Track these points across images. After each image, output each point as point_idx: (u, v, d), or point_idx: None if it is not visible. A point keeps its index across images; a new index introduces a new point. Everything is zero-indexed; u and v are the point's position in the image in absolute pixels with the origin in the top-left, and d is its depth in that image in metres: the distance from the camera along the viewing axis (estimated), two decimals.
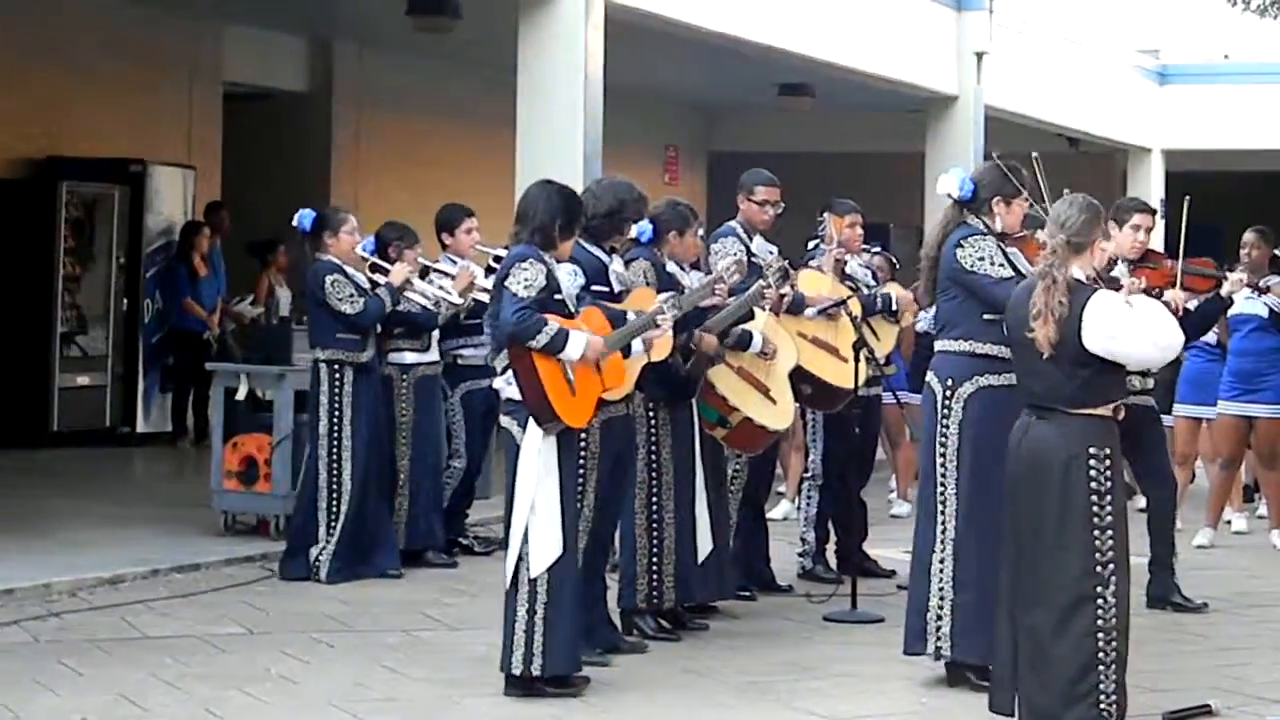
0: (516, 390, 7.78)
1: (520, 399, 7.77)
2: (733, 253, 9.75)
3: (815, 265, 10.67)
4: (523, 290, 7.72)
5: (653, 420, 9.06)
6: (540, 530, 7.74)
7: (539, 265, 7.81)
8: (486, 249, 11.39)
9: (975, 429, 7.99)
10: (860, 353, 9.92)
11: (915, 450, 13.27)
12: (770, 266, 9.68)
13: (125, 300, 16.43)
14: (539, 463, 7.74)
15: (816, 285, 10.43)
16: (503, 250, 9.22)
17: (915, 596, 8.23)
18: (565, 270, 8.13)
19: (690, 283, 9.21)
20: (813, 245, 10.97)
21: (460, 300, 11.04)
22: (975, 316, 8.05)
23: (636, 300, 8.55)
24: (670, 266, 9.22)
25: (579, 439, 8.19)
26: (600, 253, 8.67)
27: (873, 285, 11.18)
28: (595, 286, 8.48)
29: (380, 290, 10.70)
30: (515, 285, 7.73)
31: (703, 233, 9.68)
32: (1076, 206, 7.13)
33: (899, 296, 10.96)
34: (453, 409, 11.47)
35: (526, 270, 7.77)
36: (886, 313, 10.90)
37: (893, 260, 12.76)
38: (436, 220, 11.55)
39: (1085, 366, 6.94)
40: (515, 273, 7.77)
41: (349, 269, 10.68)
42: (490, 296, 8.22)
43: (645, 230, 9.05)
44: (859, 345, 9.92)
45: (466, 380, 11.44)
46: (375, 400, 10.71)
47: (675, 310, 8.43)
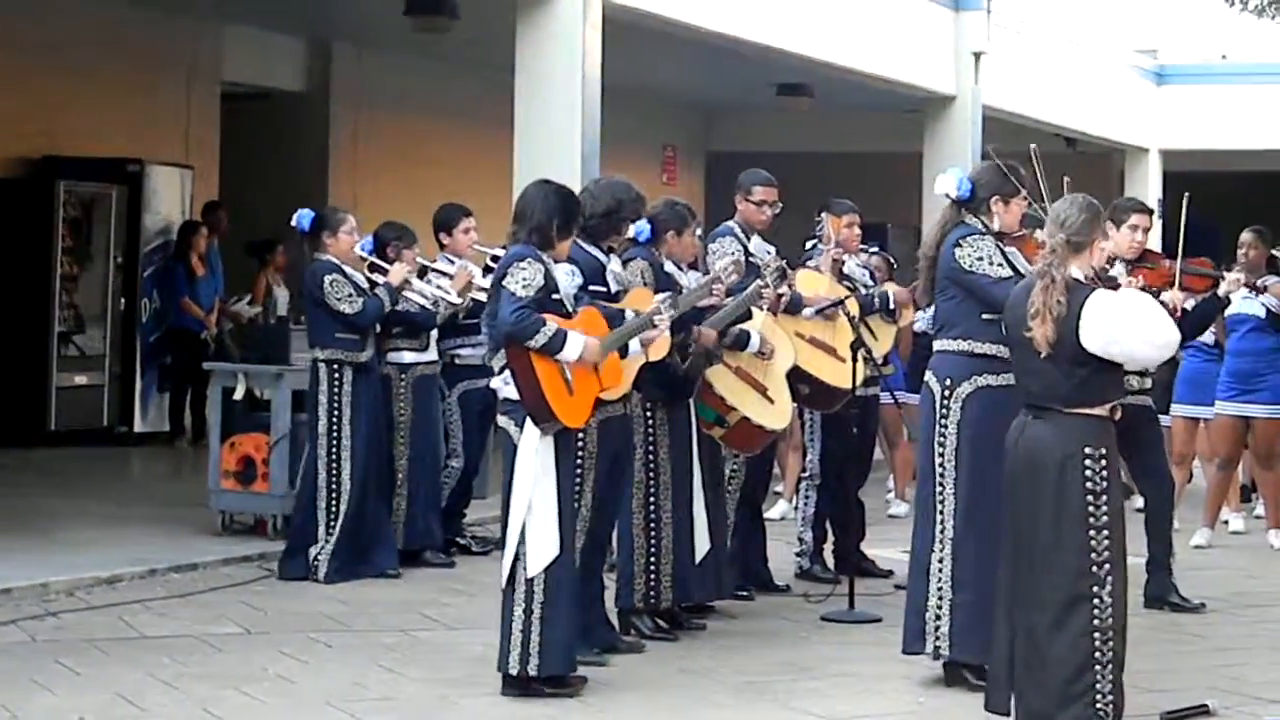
0: (514, 390, 7.78)
1: (518, 399, 7.76)
2: (730, 252, 9.74)
3: (813, 265, 10.67)
4: (521, 290, 7.71)
5: (650, 420, 9.06)
6: (537, 530, 7.73)
7: (537, 265, 7.80)
8: (484, 249, 11.39)
9: (974, 429, 7.99)
10: (858, 353, 9.92)
11: (913, 450, 13.25)
12: (768, 266, 9.67)
13: (123, 300, 16.42)
14: (536, 462, 7.74)
15: (814, 285, 10.43)
16: (500, 250, 9.21)
17: (914, 596, 8.23)
18: (563, 270, 8.13)
19: (688, 283, 9.21)
20: (810, 245, 10.97)
21: (459, 300, 11.04)
22: (974, 316, 8.05)
23: (634, 300, 8.54)
24: (668, 266, 9.21)
25: (576, 439, 8.18)
26: (598, 252, 8.67)
27: (870, 285, 11.18)
28: (593, 286, 8.47)
29: (379, 290, 10.70)
30: (513, 285, 7.73)
31: (700, 233, 9.68)
32: (1076, 206, 7.13)
33: (896, 293, 10.96)
34: (450, 409, 11.46)
35: (525, 270, 7.76)
36: (884, 312, 10.90)
37: (890, 260, 12.76)
38: (434, 220, 11.55)
39: (1083, 366, 6.94)
40: (513, 272, 7.76)
41: (348, 269, 10.68)
42: (488, 296, 8.22)
43: (643, 230, 9.05)
44: (856, 345, 9.92)
45: (464, 380, 11.43)
46: (374, 400, 10.71)
47: (672, 311, 8.42)
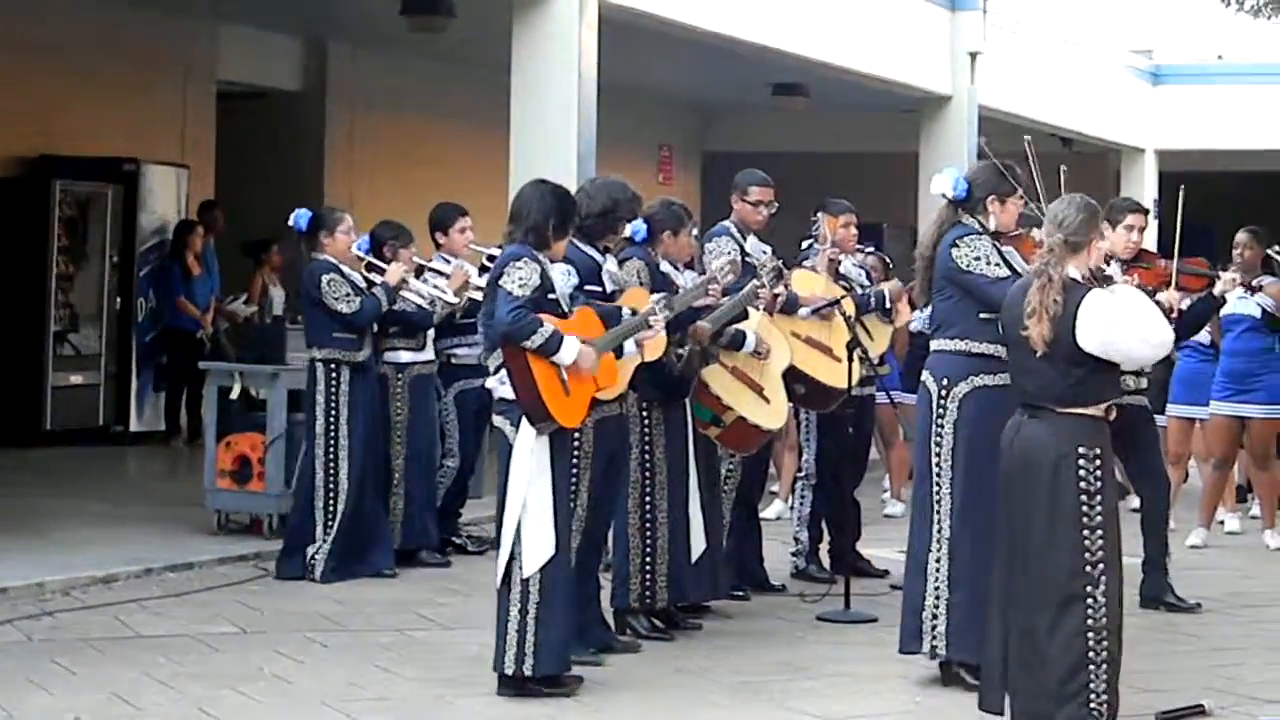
0: (510, 390, 7.77)
1: (514, 398, 7.76)
2: (727, 252, 9.75)
3: (809, 265, 10.67)
4: (518, 289, 7.71)
5: (646, 420, 9.06)
6: (533, 530, 7.73)
7: (533, 265, 7.80)
8: (480, 248, 11.38)
9: (970, 429, 7.99)
10: (854, 352, 9.92)
11: (909, 450, 13.26)
12: (764, 266, 9.67)
13: (119, 299, 16.42)
14: (532, 462, 7.73)
15: (810, 285, 10.43)
16: (496, 249, 9.22)
17: (911, 595, 8.23)
18: (559, 270, 8.13)
19: (684, 283, 9.20)
20: (807, 245, 10.97)
21: (455, 299, 11.04)
22: (971, 316, 8.04)
23: (630, 300, 8.53)
24: (664, 266, 9.21)
25: (572, 438, 8.18)
26: (594, 252, 8.66)
27: (867, 285, 11.18)
28: (588, 286, 8.47)
29: (376, 289, 10.70)
30: (510, 284, 7.73)
31: (697, 233, 9.68)
32: (1074, 206, 7.14)
33: (891, 289, 10.97)
34: (446, 408, 11.45)
35: (521, 269, 7.76)
36: (881, 311, 10.90)
37: (886, 260, 12.74)
38: (430, 219, 11.54)
39: (1079, 365, 6.94)
40: (510, 272, 7.76)
41: (345, 268, 10.67)
42: (483, 295, 8.21)
43: (639, 230, 9.05)
44: (853, 345, 9.92)
45: (460, 380, 11.42)
46: (372, 399, 10.70)
47: (667, 312, 8.42)
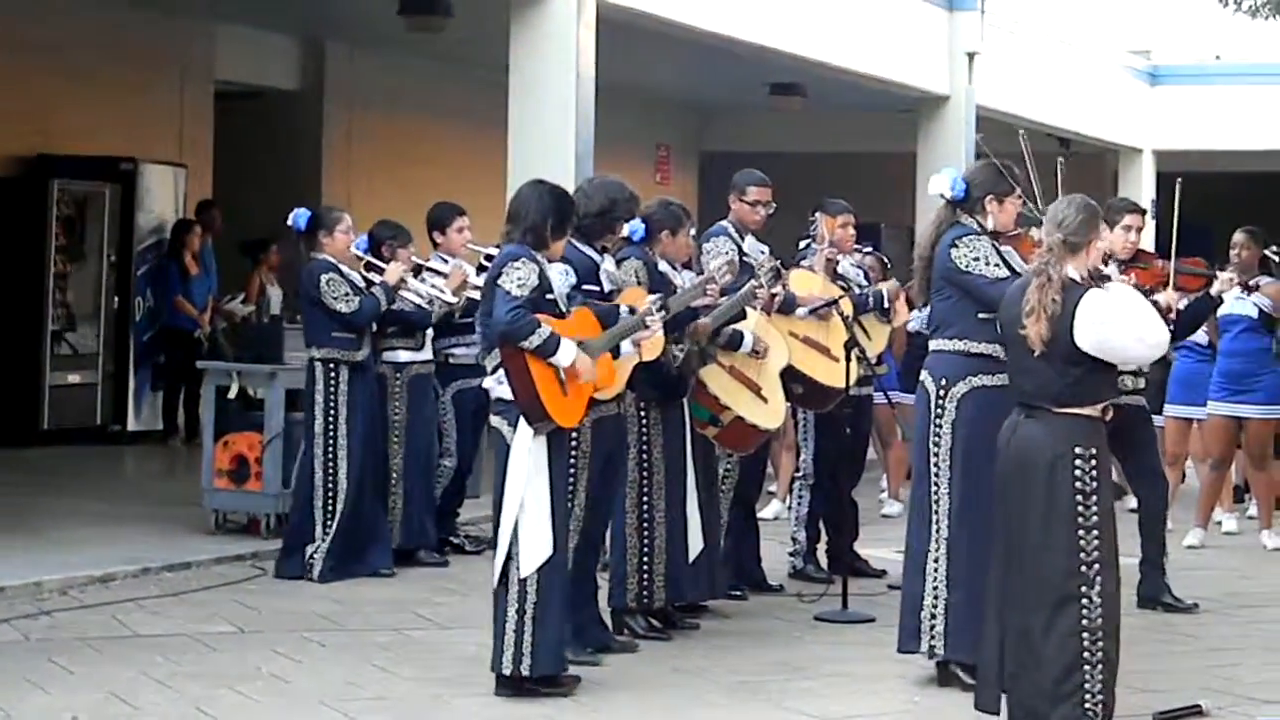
0: (507, 390, 7.77)
1: (512, 398, 7.75)
2: (725, 252, 9.75)
3: (807, 265, 10.67)
4: (516, 289, 7.71)
5: (644, 419, 9.06)
6: (530, 530, 7.73)
7: (532, 265, 7.80)
8: (478, 247, 11.38)
9: (969, 429, 7.99)
10: (851, 352, 9.93)
11: (906, 450, 13.27)
12: (762, 266, 9.68)
13: (116, 298, 16.42)
14: (529, 462, 7.73)
15: (808, 285, 10.43)
16: (494, 249, 9.22)
17: (909, 595, 8.22)
18: (556, 270, 8.13)
19: (682, 282, 9.21)
20: (804, 245, 10.97)
21: (454, 299, 11.03)
22: (970, 316, 8.04)
23: (628, 300, 8.52)
24: (662, 266, 9.22)
25: (570, 438, 8.18)
26: (592, 252, 8.66)
27: (864, 285, 11.18)
28: (586, 286, 8.47)
29: (375, 289, 10.70)
30: (508, 284, 7.73)
31: (694, 232, 9.68)
32: (1074, 206, 7.14)
33: (890, 292, 10.97)
34: (444, 408, 11.45)
35: (519, 270, 7.76)
36: (879, 311, 10.90)
37: (884, 260, 12.74)
38: (428, 219, 11.54)
39: (1076, 365, 6.94)
40: (508, 272, 7.76)
41: (344, 268, 10.68)
42: (481, 295, 8.21)
43: (637, 229, 9.05)
44: (850, 345, 9.92)
45: (457, 379, 11.41)
46: (371, 399, 10.70)
47: (664, 312, 8.42)
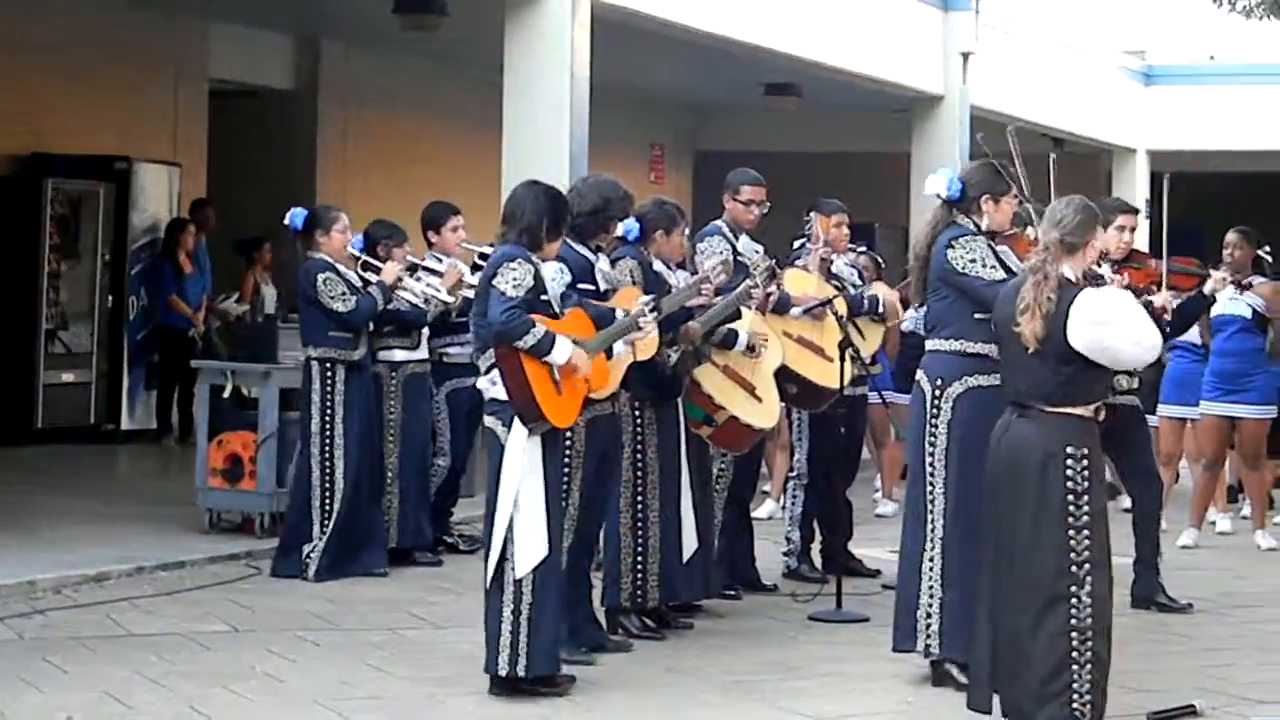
0: (501, 390, 7.77)
1: (506, 398, 7.75)
2: (719, 252, 9.75)
3: (801, 265, 10.67)
4: (511, 290, 7.71)
5: (638, 419, 9.05)
6: (525, 531, 7.72)
7: (527, 265, 7.80)
8: (473, 246, 11.38)
9: (964, 429, 7.99)
10: (846, 352, 9.92)
11: (900, 450, 13.28)
12: (757, 266, 9.68)
13: (110, 297, 16.40)
14: (524, 462, 7.73)
15: (802, 285, 10.44)
16: (489, 248, 9.22)
17: (905, 595, 8.22)
18: (551, 268, 8.13)
19: (677, 282, 9.21)
20: (798, 244, 10.97)
21: (450, 298, 11.03)
22: (966, 316, 8.04)
23: (622, 299, 8.54)
24: (657, 265, 9.22)
25: (564, 438, 8.18)
26: (586, 251, 8.66)
27: (859, 285, 11.18)
28: (581, 285, 8.47)
29: (372, 288, 10.70)
30: (503, 284, 7.72)
31: (688, 232, 9.68)
32: (1073, 207, 7.15)
33: (886, 298, 10.97)
34: (438, 407, 11.44)
35: (515, 270, 7.76)
36: (873, 314, 10.91)
37: (878, 260, 12.77)
38: (422, 218, 11.54)
39: (1069, 364, 6.95)
40: (503, 272, 7.76)
41: (340, 267, 10.68)
42: (475, 295, 8.21)
43: (632, 229, 9.05)
44: (844, 345, 9.92)
45: (452, 378, 11.40)
46: (367, 398, 10.70)
47: (657, 313, 8.41)
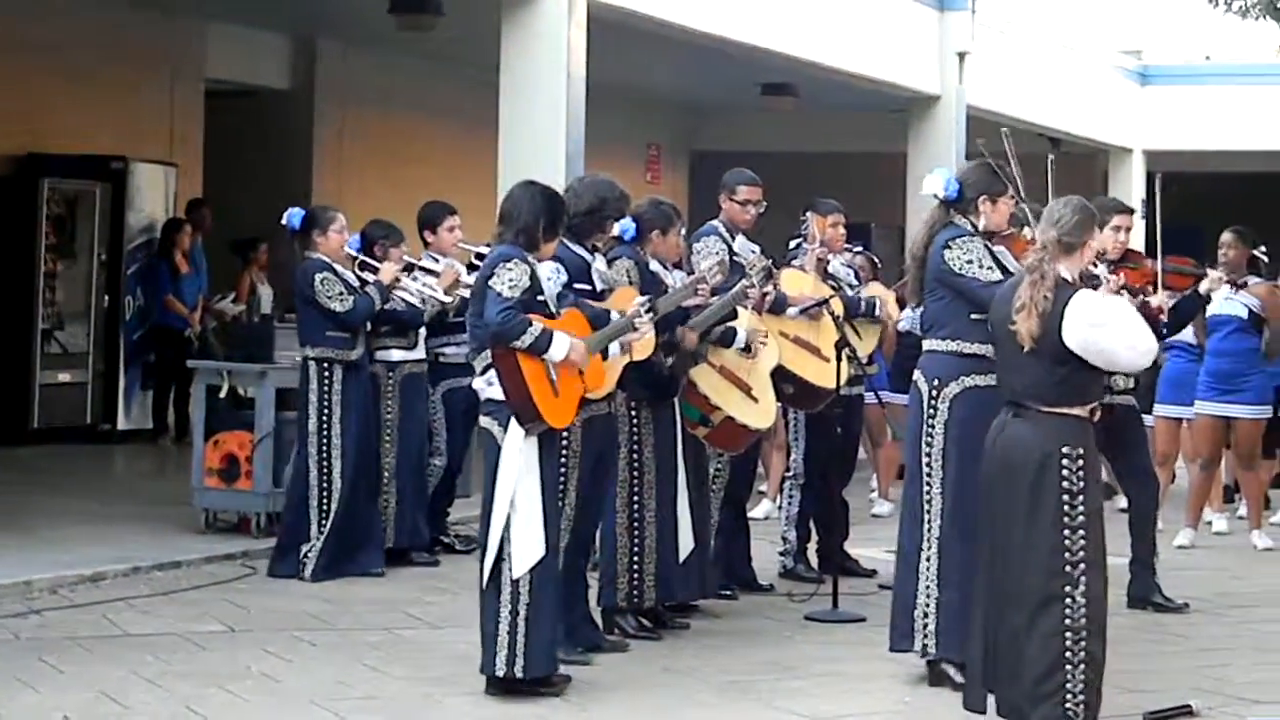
0: (497, 390, 7.76)
1: (503, 399, 7.75)
2: (715, 252, 9.75)
3: (797, 264, 10.67)
4: (508, 290, 7.71)
5: (635, 419, 9.05)
6: (522, 531, 7.72)
7: (523, 266, 7.80)
8: (469, 246, 11.38)
9: (961, 429, 7.99)
10: (842, 352, 9.93)
11: (896, 450, 13.30)
12: (753, 266, 9.68)
13: (106, 297, 16.39)
14: (520, 462, 7.73)
15: (799, 285, 10.44)
16: (485, 248, 9.21)
17: (902, 595, 8.22)
18: (547, 268, 8.13)
19: (673, 282, 9.21)
20: (795, 244, 10.97)
21: (448, 298, 11.03)
22: (963, 316, 8.04)
23: (619, 300, 8.53)
24: (654, 265, 9.22)
25: (560, 438, 8.17)
26: (583, 251, 8.66)
27: (855, 285, 11.19)
28: (578, 285, 8.47)
29: (370, 288, 10.70)
30: (500, 285, 7.72)
31: (684, 232, 9.68)
32: (1071, 207, 7.15)
33: (884, 303, 10.97)
34: (434, 407, 11.44)
35: (511, 270, 7.75)
36: (869, 315, 10.92)
37: (875, 260, 12.77)
38: (419, 218, 11.54)
39: (1064, 364, 6.95)
40: (500, 273, 7.75)
41: (338, 267, 10.68)
42: (471, 295, 8.21)
43: (628, 229, 9.05)
44: (841, 345, 9.93)
45: (448, 378, 11.40)
46: (364, 398, 10.70)
47: (652, 314, 8.41)
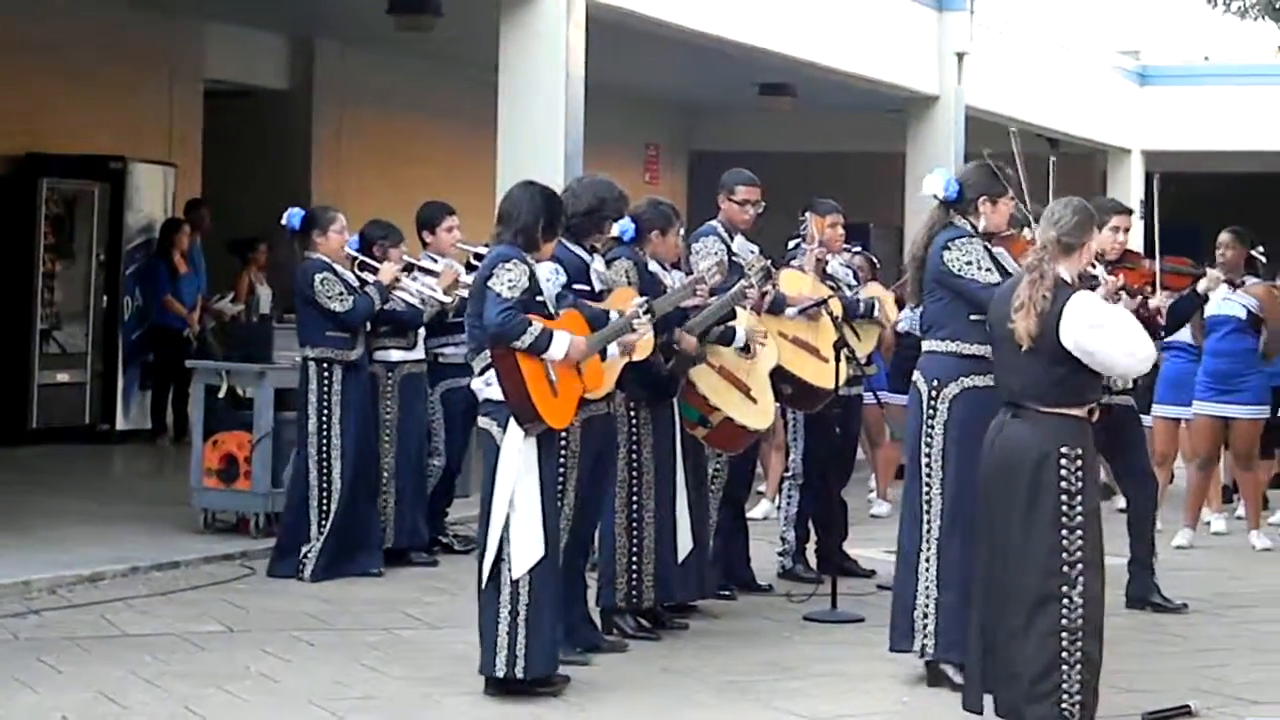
0: (497, 390, 7.76)
1: (502, 399, 7.75)
2: (714, 252, 9.75)
3: (796, 265, 10.67)
4: (507, 290, 7.71)
5: (634, 419, 9.06)
6: (522, 532, 7.72)
7: (522, 266, 7.80)
8: (467, 246, 11.38)
9: (960, 430, 7.99)
10: (841, 353, 9.93)
11: (895, 450, 13.30)
12: (752, 266, 9.68)
13: (105, 297, 16.39)
14: (519, 463, 7.73)
15: (797, 285, 10.44)
16: (484, 248, 9.21)
17: (901, 595, 8.23)
18: (546, 269, 8.13)
19: (672, 282, 9.21)
20: (793, 245, 10.97)
21: (447, 298, 11.03)
22: (962, 317, 8.05)
23: (618, 300, 8.54)
24: (652, 266, 9.22)
25: (559, 438, 8.17)
26: (581, 251, 8.66)
27: (854, 285, 11.18)
28: (576, 285, 8.47)
29: (369, 288, 10.70)
30: (499, 285, 7.72)
31: (683, 232, 9.68)
32: (1070, 208, 7.16)
33: (883, 304, 10.97)
34: (433, 407, 11.44)
35: (510, 271, 7.75)
36: (868, 316, 10.92)
37: (873, 260, 12.76)
38: (417, 218, 11.53)
39: (1061, 364, 6.96)
40: (499, 273, 7.75)
41: (338, 267, 10.68)
42: (469, 295, 8.21)
43: (627, 229, 9.04)
44: (840, 345, 9.93)
45: (447, 379, 11.40)
46: (364, 398, 10.70)
47: (650, 315, 8.41)
